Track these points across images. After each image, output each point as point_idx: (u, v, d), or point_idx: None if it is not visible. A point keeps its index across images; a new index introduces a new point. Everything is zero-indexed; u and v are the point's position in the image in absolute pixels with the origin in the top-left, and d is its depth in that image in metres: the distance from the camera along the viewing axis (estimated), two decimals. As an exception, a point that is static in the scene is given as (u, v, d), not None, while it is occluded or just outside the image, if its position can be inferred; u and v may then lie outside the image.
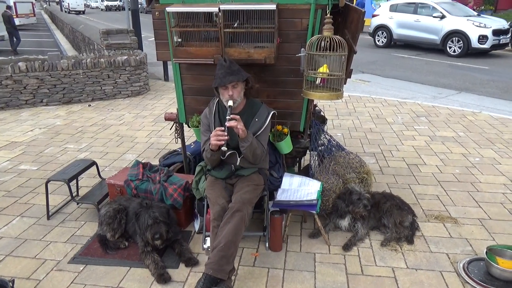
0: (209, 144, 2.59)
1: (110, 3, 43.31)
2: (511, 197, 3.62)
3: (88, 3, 51.01)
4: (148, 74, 8.07)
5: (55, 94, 6.83)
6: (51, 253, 2.87)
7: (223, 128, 2.51)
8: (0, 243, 3.00)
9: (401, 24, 13.33)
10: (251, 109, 2.75)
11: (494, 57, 11.93)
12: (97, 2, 49.73)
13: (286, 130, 3.01)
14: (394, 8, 13.75)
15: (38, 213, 3.41)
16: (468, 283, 2.51)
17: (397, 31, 13.49)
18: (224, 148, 2.49)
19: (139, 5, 9.98)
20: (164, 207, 2.86)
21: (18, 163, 4.46)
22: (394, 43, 13.99)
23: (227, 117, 2.51)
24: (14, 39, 13.47)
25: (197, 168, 3.05)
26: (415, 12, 13.05)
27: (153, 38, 3.08)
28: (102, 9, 45.00)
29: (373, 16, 14.50)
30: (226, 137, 2.48)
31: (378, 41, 14.19)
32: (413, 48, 13.30)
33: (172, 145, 4.89)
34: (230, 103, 2.57)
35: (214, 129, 2.59)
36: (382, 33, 13.99)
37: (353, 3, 2.70)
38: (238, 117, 2.53)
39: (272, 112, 2.77)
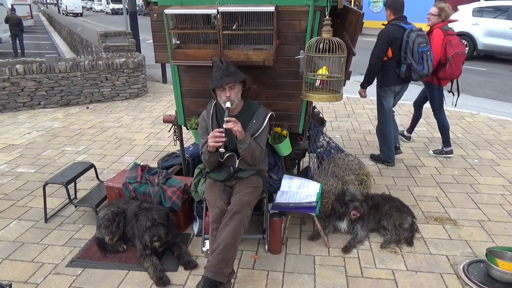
0: (207, 146, 2.58)
1: (117, 6, 38.43)
2: (510, 198, 3.62)
3: (90, 6, 48.16)
4: (147, 76, 8.06)
5: (53, 96, 6.81)
6: (49, 257, 2.85)
7: (221, 129, 2.50)
8: (-3, 246, 2.98)
9: (490, 32, 10.98)
10: (249, 110, 2.75)
11: (491, 59, 11.96)
12: (101, 5, 45.48)
13: (285, 132, 3.00)
14: (479, 13, 11.41)
15: (36, 216, 3.39)
16: (468, 285, 2.51)
17: (484, 41, 11.14)
18: (222, 150, 2.49)
19: (137, 7, 9.97)
20: (163, 210, 2.85)
21: (16, 166, 4.44)
22: (478, 54, 11.55)
23: (225, 119, 2.51)
24: (17, 41, 13.43)
25: (196, 171, 3.04)
26: (510, 17, 10.79)
27: (151, 40, 3.07)
28: (107, 13, 40.69)
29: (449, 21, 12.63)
30: (224, 139, 2.47)
31: None
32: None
33: (170, 147, 4.88)
34: (228, 104, 2.57)
35: (212, 131, 2.59)
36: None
37: None
38: (234, 119, 2.53)
39: (270, 114, 2.77)
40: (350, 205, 2.93)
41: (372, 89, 4.53)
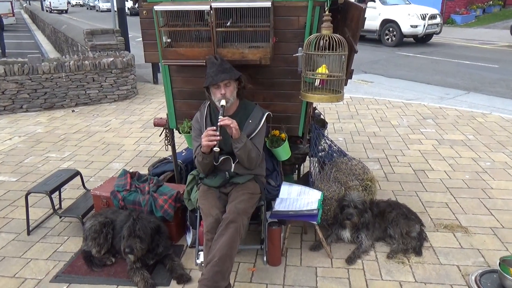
0: (201, 147, 2.59)
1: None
2: (524, 203, 3.64)
3: (93, 4, 44.02)
4: (136, 76, 8.07)
5: (35, 99, 6.81)
6: (32, 272, 2.84)
7: (215, 128, 2.51)
8: (-24, 261, 2.97)
9: None
10: (245, 110, 2.76)
11: (504, 55, 12.03)
12: (108, 2, 41.77)
13: (283, 135, 3.01)
14: None
15: (18, 228, 3.38)
16: (481, 296, 2.51)
17: None
18: (216, 149, 2.49)
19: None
20: (153, 222, 2.83)
21: (-4, 174, 4.44)
22: None
23: (220, 117, 2.51)
24: None
25: (189, 177, 3.04)
26: None
27: (141, 38, 3.09)
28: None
29: None
30: (219, 137, 2.48)
31: None
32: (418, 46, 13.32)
33: (162, 152, 4.88)
34: (223, 102, 2.58)
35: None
36: None
37: None
38: (228, 118, 2.54)
39: (267, 114, 2.79)
40: (344, 211, 2.94)
41: (376, 89, 4.55)
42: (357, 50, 2.82)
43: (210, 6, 2.61)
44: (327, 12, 2.59)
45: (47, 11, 33.00)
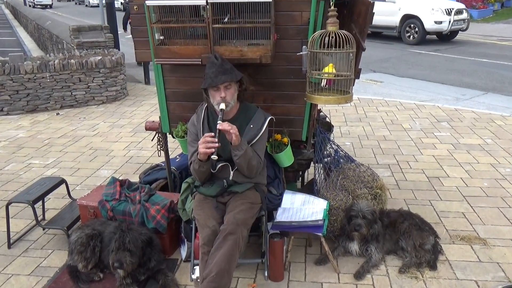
0: (197, 154, 2.60)
1: None
2: (548, 213, 3.64)
3: None
4: (126, 76, 8.10)
5: (17, 101, 6.82)
6: (13, 288, 2.84)
7: (213, 134, 2.52)
8: (-48, 277, 2.97)
9: None
10: (245, 114, 2.77)
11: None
12: None
13: (286, 139, 3.02)
14: None
15: (-2, 241, 3.38)
16: (501, 314, 2.51)
17: None
18: (214, 157, 2.50)
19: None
20: (144, 234, 2.83)
21: (-26, 183, 4.45)
22: None
23: (219, 122, 2.52)
24: None
25: (183, 185, 3.05)
26: None
27: (131, 36, 3.11)
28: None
29: None
30: (217, 144, 2.49)
31: None
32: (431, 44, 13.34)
33: (154, 158, 4.88)
34: (222, 106, 2.59)
35: (203, 136, 2.60)
36: None
37: None
38: (227, 123, 2.55)
39: (270, 118, 2.80)
40: (352, 222, 2.95)
41: (386, 89, 4.56)
42: (364, 48, 2.84)
43: (206, 1, 2.63)
44: (332, 7, 2.61)
45: (30, 5, 33.19)
